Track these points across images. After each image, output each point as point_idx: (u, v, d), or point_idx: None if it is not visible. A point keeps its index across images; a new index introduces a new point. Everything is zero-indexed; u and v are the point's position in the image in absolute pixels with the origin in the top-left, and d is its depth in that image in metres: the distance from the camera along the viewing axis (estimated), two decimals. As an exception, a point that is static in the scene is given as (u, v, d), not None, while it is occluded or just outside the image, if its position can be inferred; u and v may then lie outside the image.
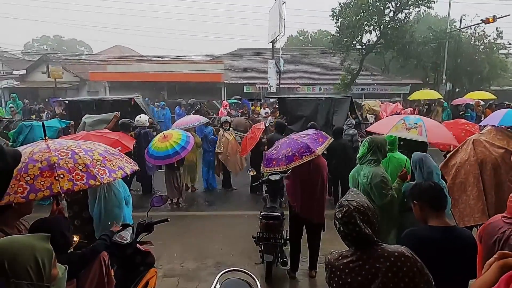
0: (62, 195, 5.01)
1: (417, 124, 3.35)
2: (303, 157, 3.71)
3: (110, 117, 7.45)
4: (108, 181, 2.19)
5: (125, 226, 2.81)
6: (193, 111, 12.78)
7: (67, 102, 10.41)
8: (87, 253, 2.33)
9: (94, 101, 9.53)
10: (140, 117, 7.66)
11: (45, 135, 2.48)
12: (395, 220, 3.27)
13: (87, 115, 7.78)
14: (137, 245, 2.82)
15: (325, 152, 6.59)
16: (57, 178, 1.98)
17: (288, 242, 4.36)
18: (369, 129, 4.29)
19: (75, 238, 2.57)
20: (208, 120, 8.48)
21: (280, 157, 3.82)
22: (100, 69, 24.86)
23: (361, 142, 4.13)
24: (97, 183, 2.08)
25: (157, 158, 6.20)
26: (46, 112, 13.63)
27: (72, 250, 2.36)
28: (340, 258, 1.74)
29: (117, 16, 75.39)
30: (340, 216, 1.72)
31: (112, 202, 3.52)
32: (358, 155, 3.51)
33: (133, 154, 6.91)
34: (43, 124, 2.93)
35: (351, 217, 1.68)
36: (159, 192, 7.29)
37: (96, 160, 2.21)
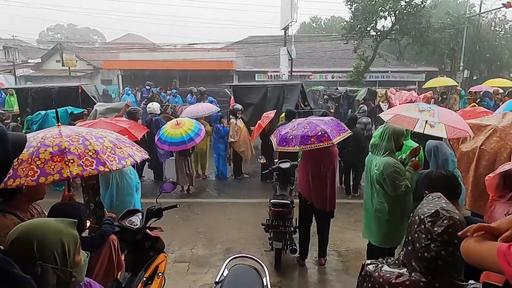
0: (78, 180, 5.17)
1: (430, 108, 3.24)
2: (321, 142, 3.63)
3: (121, 106, 7.52)
4: (117, 168, 2.21)
5: (134, 212, 2.84)
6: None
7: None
8: (96, 238, 2.38)
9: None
10: (152, 104, 7.73)
11: (57, 121, 2.52)
12: (410, 210, 3.20)
13: (98, 103, 7.87)
14: (147, 230, 2.86)
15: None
16: (67, 163, 2.00)
17: (297, 229, 4.36)
18: (381, 114, 4.19)
19: (87, 223, 2.62)
20: (218, 109, 8.42)
21: (295, 137, 3.75)
22: (113, 57, 25.04)
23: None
24: (106, 169, 2.10)
25: (171, 144, 6.25)
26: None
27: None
28: (406, 283, 1.29)
29: (129, 4, 75.37)
30: (438, 230, 1.22)
31: (124, 188, 3.57)
32: (371, 142, 3.36)
33: (145, 141, 6.98)
34: (56, 110, 2.96)
35: (455, 235, 1.16)
36: (170, 179, 7.37)
37: (107, 147, 2.23)
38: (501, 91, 13.66)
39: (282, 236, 4.13)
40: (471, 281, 1.29)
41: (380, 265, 1.40)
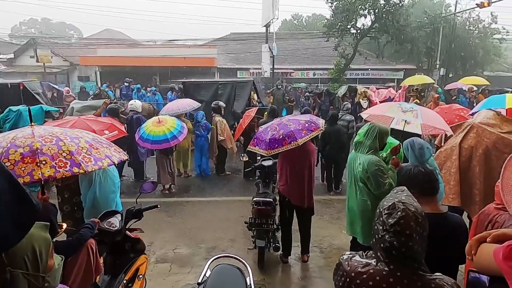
0: (54, 181, 4.98)
1: (412, 108, 3.35)
2: (288, 144, 3.68)
3: (99, 104, 7.33)
4: (93, 170, 2.13)
5: (113, 213, 2.77)
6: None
7: None
8: (73, 242, 2.29)
9: None
10: (135, 101, 7.57)
11: (31, 121, 2.41)
12: None
13: (75, 101, 7.64)
14: (127, 232, 2.78)
15: (319, 137, 6.63)
16: (38, 164, 1.92)
17: (280, 227, 4.37)
18: (366, 113, 4.26)
19: (64, 225, 2.52)
20: (200, 104, 8.29)
21: (267, 140, 3.79)
22: (91, 53, 24.33)
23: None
24: (81, 171, 2.02)
25: (154, 142, 6.13)
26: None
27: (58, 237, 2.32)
28: (370, 271, 1.33)
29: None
30: (391, 222, 1.27)
31: (108, 187, 3.48)
32: (355, 140, 3.38)
33: (125, 140, 6.82)
34: (29, 109, 2.85)
35: (407, 226, 1.24)
36: (152, 178, 7.25)
37: (82, 147, 2.15)
38: (475, 88, 14.16)
39: (265, 234, 4.13)
40: (437, 274, 1.32)
41: (351, 255, 1.44)
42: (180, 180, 7.50)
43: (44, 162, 1.93)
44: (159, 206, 3.04)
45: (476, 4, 18.70)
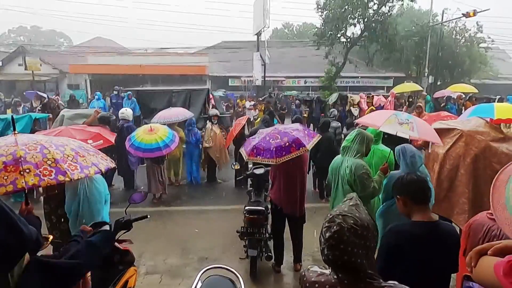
0: (41, 190, 4.87)
1: (408, 120, 3.44)
2: (298, 150, 3.67)
3: (90, 112, 7.26)
4: (79, 177, 2.08)
5: (102, 224, 2.69)
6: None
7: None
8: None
9: None
10: (126, 109, 7.49)
11: (14, 129, 2.35)
12: (373, 212, 3.35)
13: (65, 109, 7.54)
14: (115, 243, 2.71)
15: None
16: (22, 172, 1.86)
17: (272, 236, 4.33)
18: (361, 121, 4.33)
19: (50, 237, 2.45)
20: (193, 114, 8.24)
21: (272, 148, 3.72)
22: (81, 61, 24.16)
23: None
24: (67, 179, 1.97)
25: (146, 150, 6.06)
26: (22, 106, 13.10)
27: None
28: (321, 280, 1.36)
29: (98, 7, 73.29)
30: (327, 235, 1.28)
31: (93, 198, 3.39)
32: (342, 145, 3.54)
33: (115, 148, 6.74)
34: (12, 117, 2.78)
35: (341, 240, 1.24)
36: (142, 188, 7.15)
37: (68, 155, 2.10)
38: (463, 96, 14.41)
39: (257, 243, 4.08)
40: (390, 282, 1.30)
41: (311, 267, 1.48)
42: (171, 189, 7.41)
43: (27, 171, 1.88)
44: (148, 216, 2.97)
45: (462, 14, 19.20)
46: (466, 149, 3.48)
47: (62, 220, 3.44)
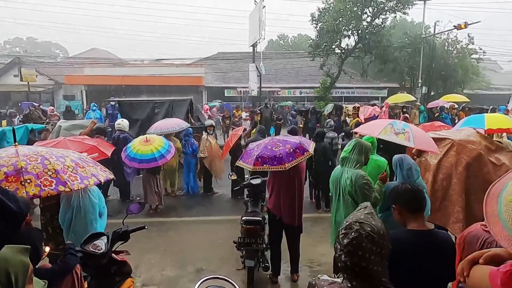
0: (36, 201, 4.84)
1: (404, 129, 3.47)
2: (304, 154, 3.77)
3: (87, 123, 7.27)
4: (79, 188, 2.10)
5: (99, 235, 2.69)
6: (22, 116, 11.92)
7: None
8: (58, 270, 2.20)
9: None
10: (122, 121, 7.51)
11: (15, 140, 2.37)
12: None
13: (62, 120, 7.55)
14: (113, 254, 2.71)
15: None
16: (23, 183, 1.88)
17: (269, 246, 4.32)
18: (358, 130, 4.37)
19: (47, 248, 2.44)
20: (189, 124, 8.27)
21: (278, 155, 3.75)
22: (77, 72, 24.19)
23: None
24: (67, 189, 1.99)
25: (142, 161, 6.07)
26: (18, 117, 13.07)
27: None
28: None
29: (95, 19, 73.75)
30: (345, 242, 1.29)
31: (87, 209, 3.38)
32: (341, 156, 3.51)
33: (112, 159, 6.73)
34: (13, 129, 2.80)
35: (360, 247, 1.26)
36: (138, 199, 7.12)
37: (68, 166, 2.12)
38: (456, 106, 14.61)
39: (255, 253, 4.07)
40: None
41: (321, 275, 1.46)
42: (167, 199, 7.39)
43: (28, 181, 1.90)
44: (146, 227, 2.97)
45: (454, 26, 19.61)
46: (457, 158, 3.54)
47: (58, 231, 3.43)
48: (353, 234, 1.29)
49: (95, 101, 16.76)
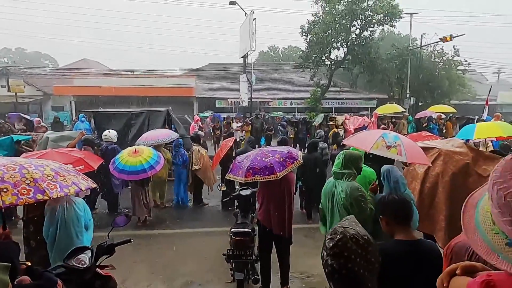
0: (19, 215, 4.72)
1: (396, 142, 3.45)
2: (294, 162, 3.78)
3: (75, 134, 7.18)
4: (58, 196, 2.06)
5: (83, 249, 2.63)
6: None
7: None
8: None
9: None
10: (109, 131, 7.41)
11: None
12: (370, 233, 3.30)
13: (49, 131, 7.44)
14: (97, 269, 2.64)
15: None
16: (-1, 192, 1.84)
17: (259, 258, 4.27)
18: (349, 143, 4.28)
19: (28, 263, 2.36)
20: (178, 135, 8.22)
21: (268, 165, 3.74)
22: (66, 83, 24.02)
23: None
24: (46, 197, 1.96)
25: (130, 173, 5.98)
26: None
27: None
28: None
29: (85, 29, 73.65)
30: (330, 245, 1.30)
31: (71, 222, 3.30)
32: (333, 170, 3.42)
33: (100, 171, 6.64)
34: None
35: (345, 248, 1.27)
36: (126, 211, 7.01)
37: (47, 175, 2.09)
38: (443, 116, 14.88)
39: (244, 266, 4.02)
40: None
41: None
42: (156, 211, 7.28)
43: (5, 190, 1.87)
44: (132, 240, 2.91)
45: (440, 38, 20.14)
46: (444, 168, 3.58)
47: (42, 245, 3.33)
48: (338, 236, 1.31)
49: (85, 112, 16.60)
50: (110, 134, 7.25)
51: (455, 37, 19.33)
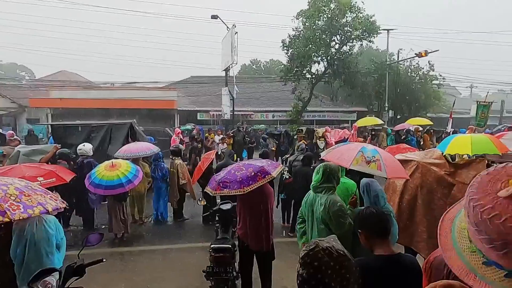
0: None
1: (375, 157, 3.43)
2: (265, 177, 3.65)
3: (48, 149, 6.87)
4: (20, 217, 1.93)
5: (51, 271, 2.47)
6: None
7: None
8: None
9: None
10: (84, 145, 7.16)
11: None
12: (350, 249, 3.24)
13: (21, 145, 7.13)
14: (66, 292, 2.48)
15: (284, 179, 6.63)
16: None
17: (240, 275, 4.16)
18: (327, 158, 4.21)
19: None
20: (159, 149, 8.04)
21: (238, 180, 3.67)
22: (43, 95, 23.35)
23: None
24: (6, 219, 1.83)
25: (107, 188, 5.77)
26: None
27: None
28: None
29: (64, 41, 72.44)
30: (302, 255, 1.30)
31: (41, 241, 3.10)
32: (312, 184, 3.38)
33: (75, 186, 6.41)
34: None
35: (316, 258, 1.25)
36: (103, 227, 6.76)
37: (10, 194, 1.96)
38: (420, 128, 15.30)
39: (224, 283, 3.90)
40: None
41: None
42: (134, 227, 7.05)
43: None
44: (104, 260, 2.76)
45: (415, 54, 20.93)
46: (422, 180, 3.63)
47: (8, 266, 3.11)
48: (310, 247, 1.30)
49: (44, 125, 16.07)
50: (85, 147, 7.02)
51: (429, 52, 20.12)
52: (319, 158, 7.33)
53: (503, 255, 0.82)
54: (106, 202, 6.56)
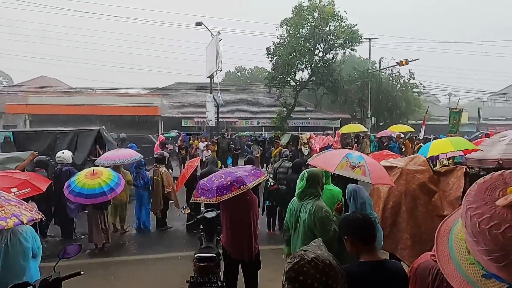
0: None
1: (360, 163, 3.44)
2: (240, 187, 3.56)
3: (25, 156, 6.62)
4: None
5: (24, 286, 2.33)
6: None
7: None
8: None
9: None
10: (63, 152, 6.93)
11: None
12: (335, 254, 3.22)
13: (-3, 152, 6.84)
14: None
15: (268, 186, 6.61)
16: None
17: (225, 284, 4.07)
18: (313, 163, 4.22)
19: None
20: (142, 156, 7.87)
21: (214, 188, 3.62)
22: (21, 101, 22.66)
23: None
24: None
25: (88, 196, 5.58)
26: None
27: None
28: None
29: (43, 46, 70.81)
30: (287, 268, 1.26)
31: (15, 252, 2.95)
32: (297, 191, 3.34)
33: (53, 195, 6.19)
34: None
35: (301, 272, 1.21)
36: (82, 237, 6.54)
37: None
38: (402, 135, 15.61)
39: (208, 293, 3.80)
40: None
41: None
42: (115, 236, 6.85)
43: None
44: (82, 272, 2.64)
45: (396, 62, 21.45)
46: (406, 187, 3.66)
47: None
48: (295, 260, 1.25)
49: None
50: (64, 155, 6.79)
51: (410, 61, 20.65)
52: (305, 164, 7.36)
53: (503, 267, 0.78)
54: (86, 211, 6.35)
